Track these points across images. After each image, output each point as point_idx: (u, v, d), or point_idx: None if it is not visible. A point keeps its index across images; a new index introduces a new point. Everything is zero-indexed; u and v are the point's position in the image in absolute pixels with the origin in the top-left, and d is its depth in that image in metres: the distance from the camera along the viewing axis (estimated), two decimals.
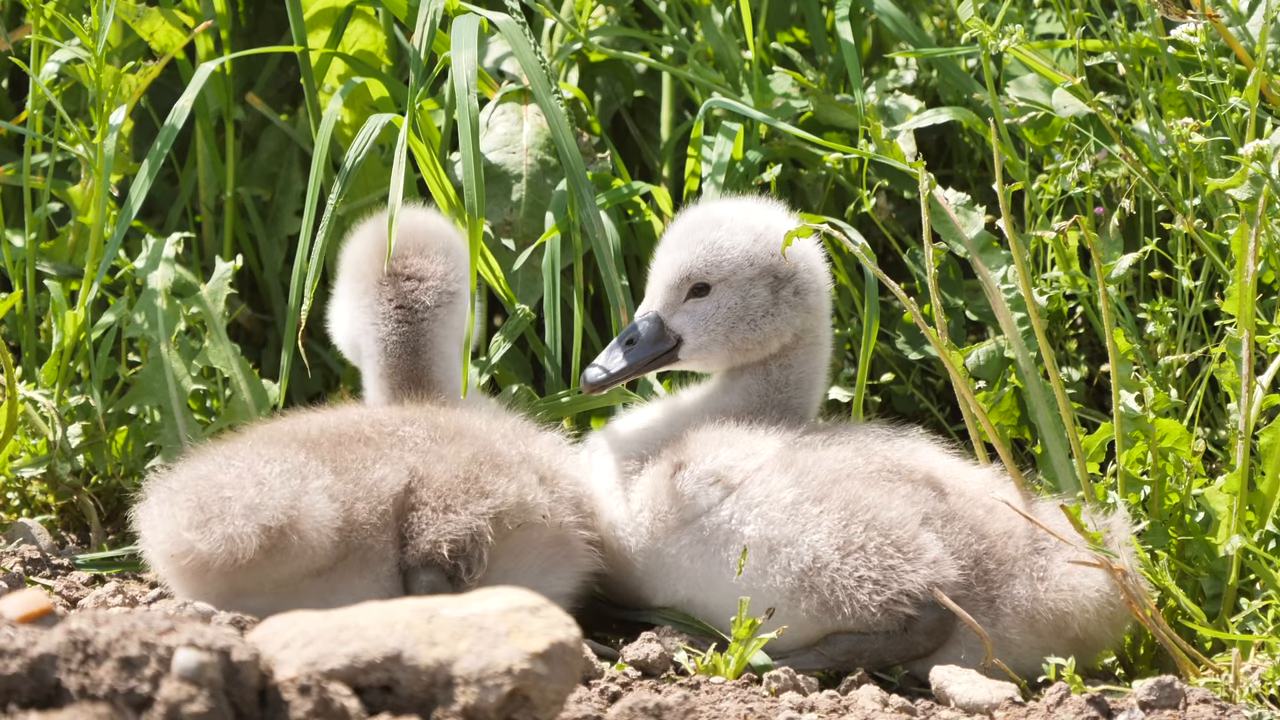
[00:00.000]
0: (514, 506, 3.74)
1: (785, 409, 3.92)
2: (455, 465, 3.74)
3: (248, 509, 3.60)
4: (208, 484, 3.66)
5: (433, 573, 3.69)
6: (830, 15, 4.78)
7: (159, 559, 3.70)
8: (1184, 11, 4.12)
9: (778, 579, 3.75)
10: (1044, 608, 3.75)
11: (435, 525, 3.69)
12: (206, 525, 3.60)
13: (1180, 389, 4.22)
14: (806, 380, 3.95)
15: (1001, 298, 4.05)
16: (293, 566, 3.64)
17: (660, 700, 3.04)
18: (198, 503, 3.63)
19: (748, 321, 3.89)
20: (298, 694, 2.79)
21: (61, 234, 4.59)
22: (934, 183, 4.02)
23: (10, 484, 4.40)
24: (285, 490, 3.62)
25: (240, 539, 3.58)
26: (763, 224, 3.91)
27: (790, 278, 3.89)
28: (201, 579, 3.66)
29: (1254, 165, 3.81)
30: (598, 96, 4.89)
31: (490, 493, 3.73)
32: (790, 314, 3.90)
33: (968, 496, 3.81)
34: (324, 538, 3.64)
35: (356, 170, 4.24)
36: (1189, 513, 3.90)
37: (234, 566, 3.60)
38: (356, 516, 3.68)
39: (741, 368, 3.94)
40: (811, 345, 3.94)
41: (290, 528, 3.60)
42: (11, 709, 2.70)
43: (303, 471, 3.67)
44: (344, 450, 3.74)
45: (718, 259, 3.89)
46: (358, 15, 4.71)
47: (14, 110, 4.97)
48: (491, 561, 3.72)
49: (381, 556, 3.71)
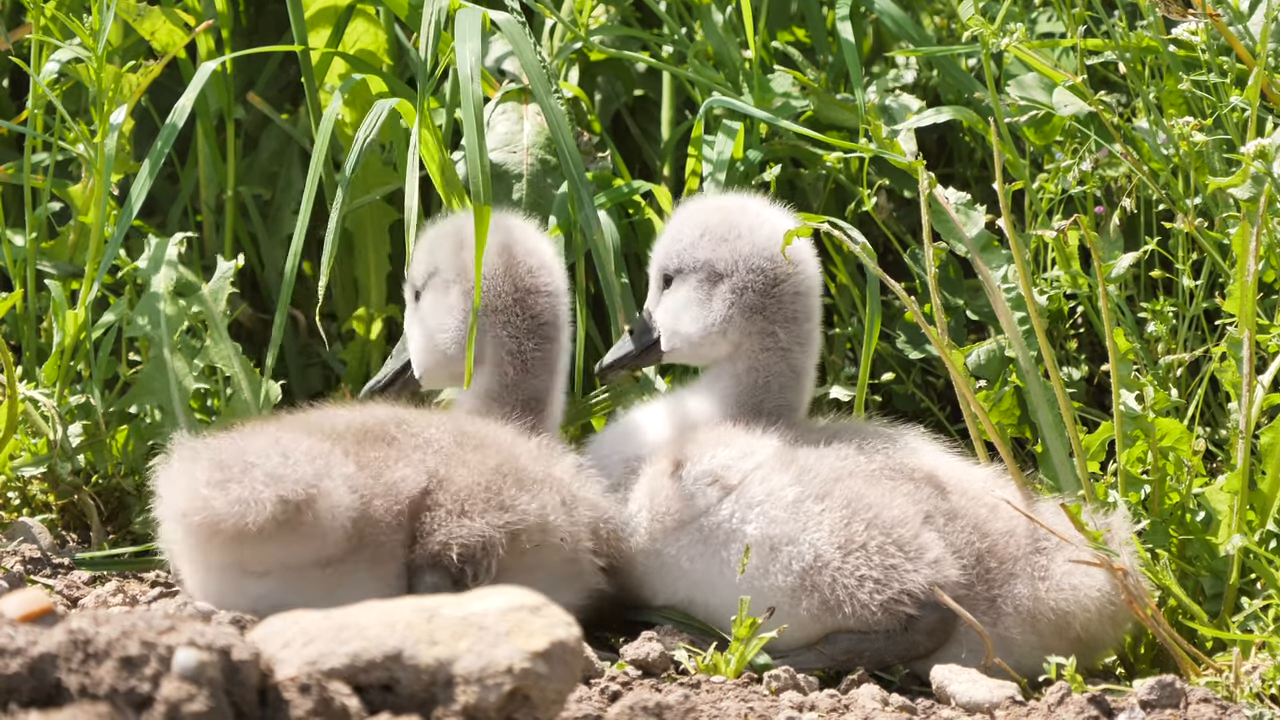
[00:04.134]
0: (534, 525, 3.73)
1: (760, 411, 3.90)
2: (478, 473, 3.73)
3: (269, 476, 3.59)
4: (233, 447, 3.67)
5: (438, 574, 3.68)
6: (831, 14, 4.78)
7: (171, 518, 3.68)
8: (1185, 10, 4.12)
9: (779, 578, 3.75)
10: (1045, 607, 3.75)
11: (447, 527, 3.69)
12: (225, 485, 3.59)
13: (1181, 388, 4.22)
14: (775, 384, 3.91)
15: (1002, 297, 4.05)
16: (302, 549, 3.63)
17: (661, 699, 3.04)
18: (220, 462, 3.63)
19: (689, 314, 3.89)
20: (298, 693, 2.79)
21: (62, 233, 4.59)
22: (934, 182, 4.02)
23: (10, 483, 4.40)
24: (309, 468, 3.62)
25: (256, 504, 3.57)
26: (716, 218, 3.90)
27: (728, 275, 3.87)
28: (209, 544, 3.63)
29: (1255, 164, 3.81)
30: (598, 96, 4.89)
31: (510, 507, 3.72)
32: (727, 312, 3.87)
33: (969, 496, 3.81)
34: (337, 525, 3.63)
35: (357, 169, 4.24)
36: (1189, 512, 3.90)
37: (244, 533, 3.58)
38: (373, 512, 3.67)
39: (718, 370, 3.93)
40: (774, 349, 3.90)
41: (307, 504, 3.59)
42: (12, 708, 2.70)
43: (328, 456, 3.67)
44: (368, 447, 3.73)
45: (673, 249, 3.91)
46: (358, 14, 4.71)
47: (14, 110, 4.97)
48: (500, 574, 3.71)
49: (391, 555, 3.70)
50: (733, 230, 3.88)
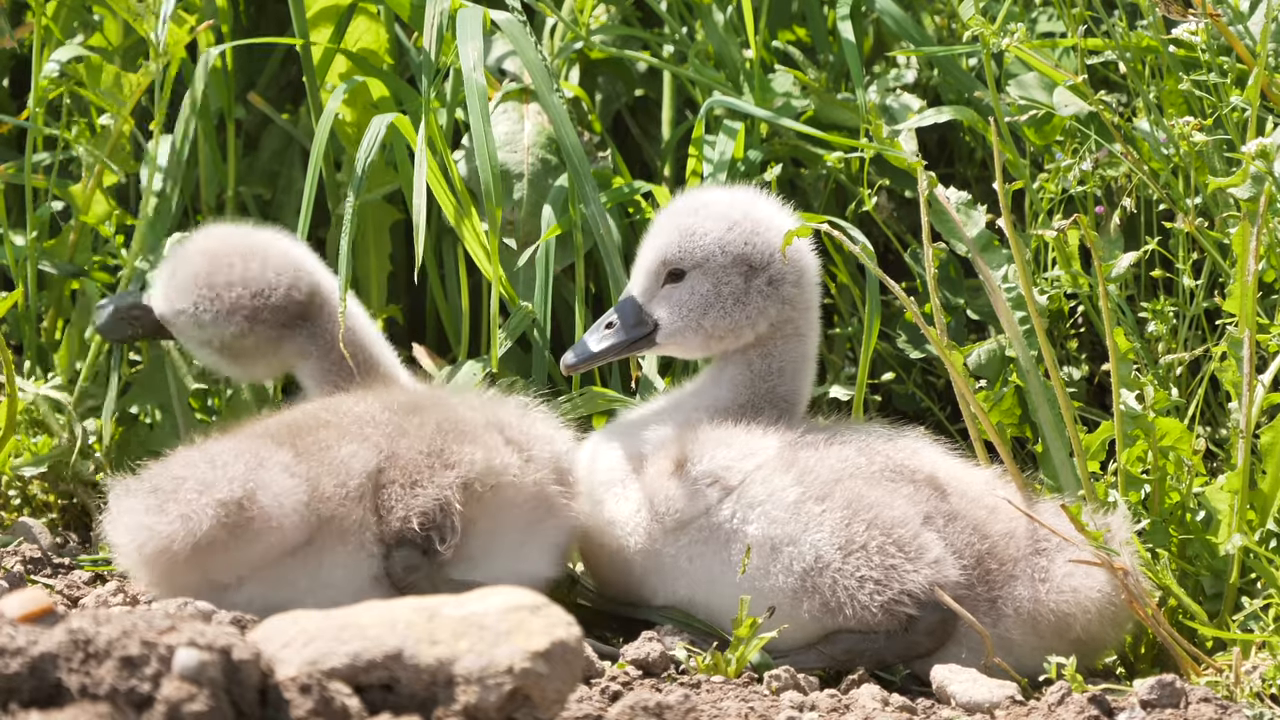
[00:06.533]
0: (482, 471, 3.75)
1: (772, 398, 3.91)
2: (419, 439, 3.75)
3: (201, 485, 3.61)
4: (162, 471, 3.69)
5: (406, 548, 3.70)
6: (831, 14, 4.78)
7: (129, 559, 3.71)
8: (1185, 10, 4.12)
9: (780, 578, 3.75)
10: (1046, 609, 3.75)
11: (404, 501, 3.71)
12: (162, 508, 3.62)
13: (1181, 388, 4.22)
14: (790, 369, 3.93)
15: (1002, 296, 4.05)
16: (261, 545, 3.64)
17: (661, 699, 3.04)
18: (153, 488, 3.66)
19: (719, 309, 3.89)
20: (298, 693, 2.79)
21: (63, 233, 4.59)
22: (935, 181, 4.02)
23: (11, 483, 4.40)
24: (239, 465, 3.64)
25: (196, 515, 3.59)
26: (739, 212, 3.91)
27: (765, 267, 3.88)
28: (171, 569, 3.65)
29: (1255, 164, 3.81)
30: (598, 95, 4.89)
31: (455, 463, 3.73)
32: (763, 303, 3.89)
33: (970, 497, 3.81)
34: (287, 511, 3.64)
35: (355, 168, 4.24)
36: (1190, 511, 3.90)
37: (196, 547, 3.60)
38: (323, 491, 3.68)
39: (726, 359, 3.93)
40: (793, 336, 3.92)
41: (248, 500, 3.61)
42: (12, 708, 2.70)
43: (259, 452, 3.69)
44: (303, 435, 3.75)
45: (691, 245, 3.90)
46: (360, 13, 4.71)
47: (15, 109, 4.97)
48: (469, 525, 3.73)
49: (362, 526, 3.71)
50: (761, 223, 3.89)
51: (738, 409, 3.89)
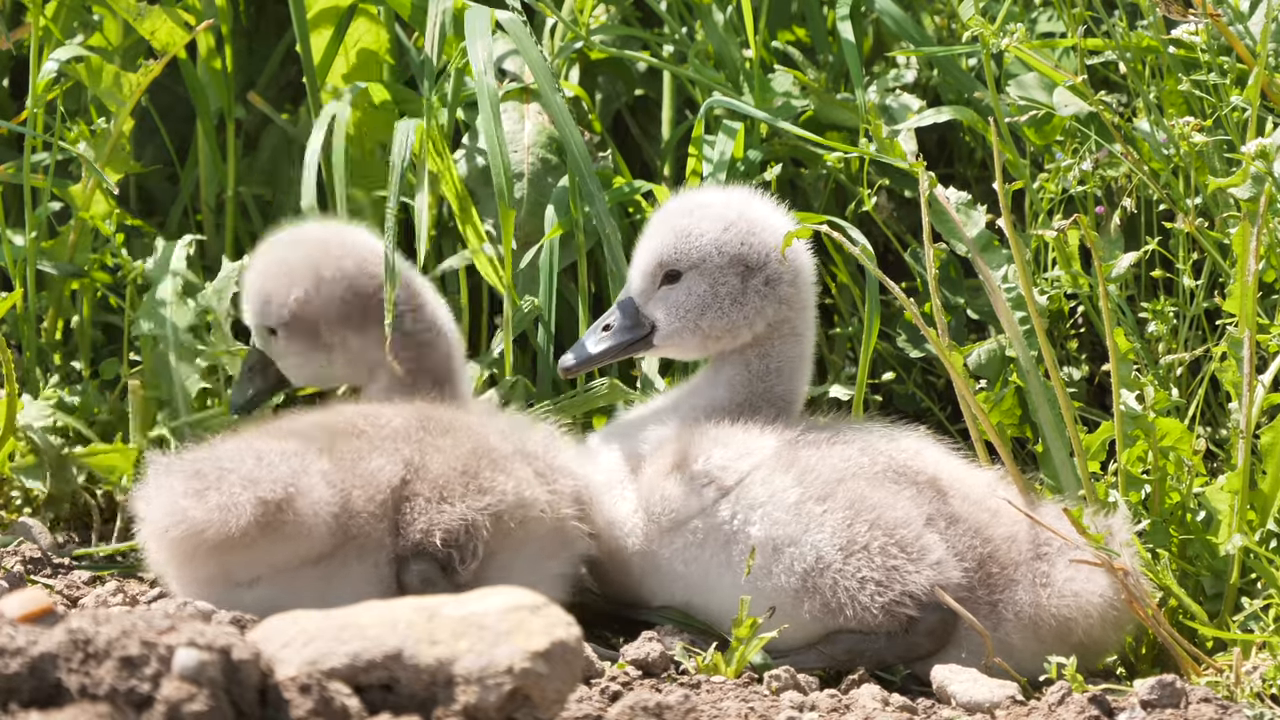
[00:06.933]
0: (513, 504, 3.74)
1: (770, 397, 3.91)
2: (453, 458, 3.73)
3: (246, 480, 3.59)
4: (206, 457, 3.67)
5: (424, 561, 3.69)
6: (831, 14, 4.78)
7: (153, 537, 3.68)
8: (1185, 10, 4.12)
9: (781, 579, 3.75)
10: (1047, 614, 3.75)
11: (428, 515, 3.69)
12: (203, 494, 3.60)
13: (1181, 388, 4.22)
14: (787, 369, 3.93)
15: (1002, 297, 4.04)
16: (287, 550, 3.63)
17: (661, 699, 3.04)
18: (195, 472, 3.63)
19: (716, 309, 3.89)
20: (298, 693, 2.79)
21: (62, 233, 4.59)
22: (935, 182, 4.02)
23: (11, 483, 4.40)
24: (285, 467, 3.63)
25: (236, 509, 3.57)
26: (735, 213, 3.91)
27: (761, 267, 3.88)
28: (194, 556, 3.63)
29: (1255, 164, 3.80)
30: (599, 95, 4.89)
31: (489, 490, 3.72)
32: (760, 303, 3.89)
33: (972, 499, 3.81)
34: (320, 521, 3.63)
35: (357, 168, 4.24)
36: (1190, 512, 3.89)
37: (227, 540, 3.58)
38: (353, 504, 3.67)
39: (723, 359, 3.93)
40: (790, 336, 3.92)
41: (287, 503, 3.59)
42: (12, 708, 2.70)
43: (303, 455, 3.67)
44: (339, 442, 3.74)
45: (687, 246, 3.90)
46: (360, 13, 4.71)
47: (14, 109, 4.96)
48: (490, 556, 3.72)
49: (378, 545, 3.70)
50: (757, 224, 3.89)
51: (735, 409, 3.89)
